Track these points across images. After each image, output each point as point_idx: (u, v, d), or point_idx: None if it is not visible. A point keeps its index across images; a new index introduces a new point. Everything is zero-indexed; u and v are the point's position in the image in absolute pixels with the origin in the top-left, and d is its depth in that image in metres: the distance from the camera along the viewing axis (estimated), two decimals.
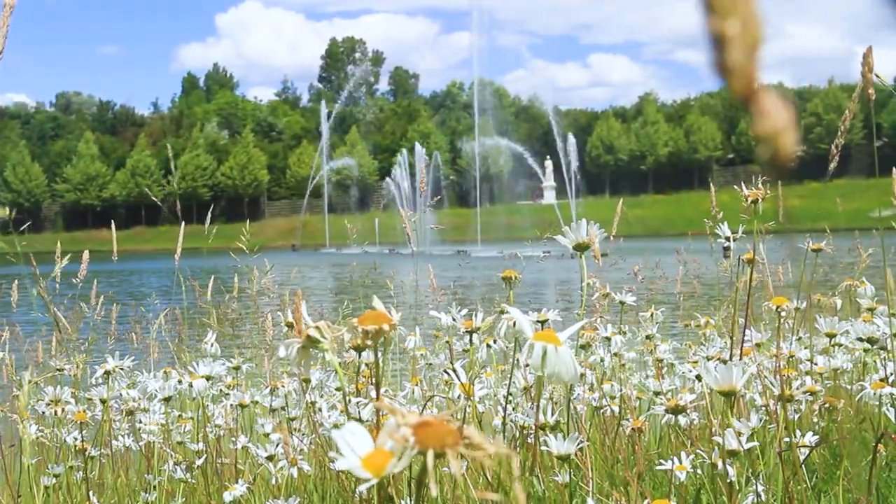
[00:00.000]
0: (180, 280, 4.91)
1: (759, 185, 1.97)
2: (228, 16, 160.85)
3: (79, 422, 2.77)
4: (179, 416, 3.40)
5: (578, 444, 1.88)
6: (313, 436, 2.85)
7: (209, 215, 4.88)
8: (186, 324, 5.54)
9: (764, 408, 2.43)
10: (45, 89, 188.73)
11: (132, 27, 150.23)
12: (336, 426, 2.43)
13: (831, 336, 2.39)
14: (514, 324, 1.02)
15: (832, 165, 2.10)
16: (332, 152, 77.72)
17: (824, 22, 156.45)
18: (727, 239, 2.17)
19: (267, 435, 2.84)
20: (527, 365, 0.94)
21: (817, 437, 2.08)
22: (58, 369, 3.75)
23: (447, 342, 2.80)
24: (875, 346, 2.28)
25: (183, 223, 4.38)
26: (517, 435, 2.40)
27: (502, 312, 1.79)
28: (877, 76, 1.98)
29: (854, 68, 1.84)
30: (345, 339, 0.99)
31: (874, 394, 2.19)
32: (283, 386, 3.09)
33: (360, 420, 1.82)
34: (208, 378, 2.44)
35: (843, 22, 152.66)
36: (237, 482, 2.41)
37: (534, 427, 1.92)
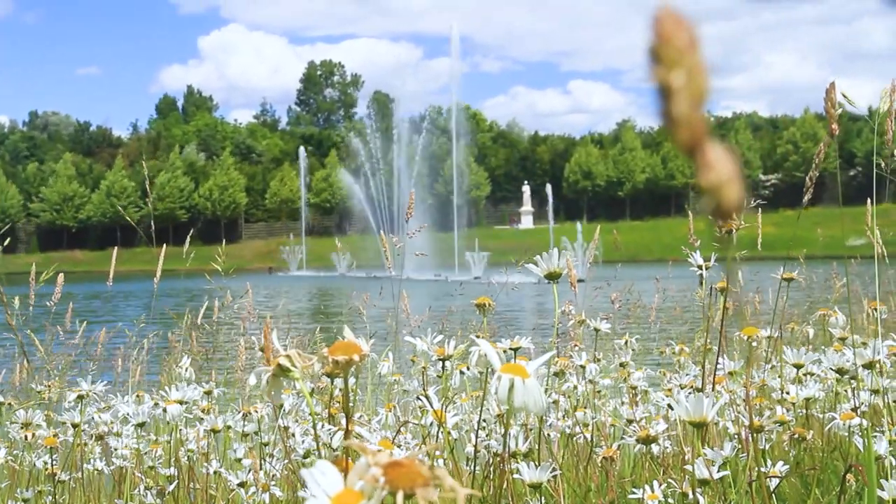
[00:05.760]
0: (159, 303, 4.88)
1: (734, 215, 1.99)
2: (211, 38, 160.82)
3: (49, 446, 2.75)
4: (155, 440, 3.37)
5: (551, 472, 1.89)
6: (286, 461, 2.84)
7: (188, 237, 4.86)
8: (165, 349, 5.51)
9: (736, 436, 2.44)
10: (22, 109, 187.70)
11: (114, 48, 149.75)
12: (307, 454, 2.42)
13: (798, 367, 2.41)
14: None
15: (806, 198, 2.13)
16: (311, 175, 77.72)
17: (801, 52, 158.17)
18: (699, 267, 2.18)
19: (239, 460, 2.82)
20: (496, 394, 0.94)
21: (788, 466, 2.09)
22: (38, 393, 3.72)
23: (422, 369, 2.80)
24: (846, 377, 2.30)
25: (164, 246, 4.36)
26: (490, 462, 2.39)
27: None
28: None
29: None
30: (316, 369, 1.00)
31: (844, 424, 2.21)
32: (255, 411, 3.08)
33: (330, 447, 1.82)
34: (182, 402, 2.43)
35: (820, 52, 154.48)
36: None
37: (506, 454, 1.92)
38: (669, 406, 2.62)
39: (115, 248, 4.70)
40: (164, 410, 2.40)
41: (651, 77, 0.33)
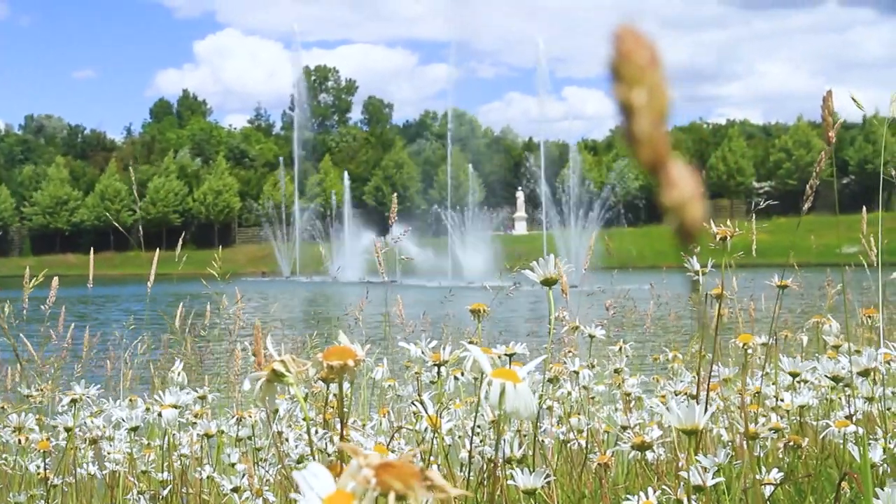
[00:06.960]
0: (154, 307, 4.87)
1: (728, 223, 1.99)
2: (206, 43, 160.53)
3: (41, 450, 2.74)
4: (148, 444, 3.36)
5: (545, 479, 1.88)
6: (279, 466, 2.83)
7: (180, 241, 4.85)
8: (152, 351, 5.49)
9: (730, 443, 2.44)
10: (17, 113, 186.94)
11: (109, 52, 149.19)
12: (301, 459, 2.42)
13: (794, 375, 2.41)
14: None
15: (807, 206, 2.14)
16: (304, 180, 77.64)
17: (795, 61, 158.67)
18: (695, 273, 2.17)
19: (233, 465, 2.81)
20: (487, 399, 0.94)
21: (782, 473, 2.08)
22: (27, 396, 3.71)
23: (416, 374, 2.79)
24: (840, 384, 2.30)
25: (157, 250, 4.35)
26: (484, 468, 2.39)
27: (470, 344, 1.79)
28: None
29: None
30: (310, 374, 0.99)
31: (838, 432, 2.21)
32: (249, 416, 3.07)
33: (324, 452, 1.81)
34: (175, 407, 2.42)
35: (813, 61, 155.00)
36: None
37: (500, 460, 1.92)
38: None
39: (92, 251, 4.68)
40: (159, 415, 2.39)
41: (613, 95, 0.32)
